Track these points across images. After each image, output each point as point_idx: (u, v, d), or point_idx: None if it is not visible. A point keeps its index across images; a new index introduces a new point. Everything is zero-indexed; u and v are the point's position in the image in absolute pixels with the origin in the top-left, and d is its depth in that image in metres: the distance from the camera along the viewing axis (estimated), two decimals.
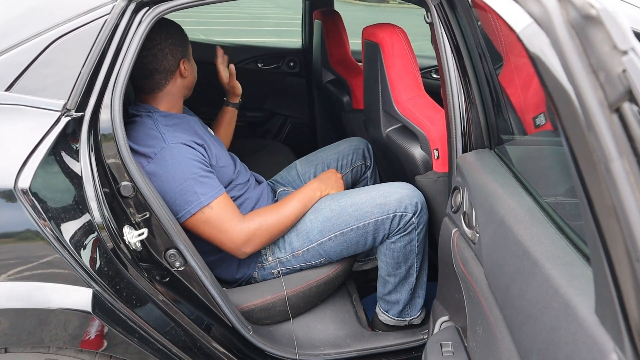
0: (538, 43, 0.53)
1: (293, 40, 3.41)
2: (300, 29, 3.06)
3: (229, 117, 1.94)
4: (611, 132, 0.45)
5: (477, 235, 1.09)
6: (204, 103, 2.01)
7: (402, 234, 1.49)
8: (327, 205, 1.54)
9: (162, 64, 1.43)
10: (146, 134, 1.39)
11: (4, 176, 0.99)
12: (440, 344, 1.23)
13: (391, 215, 1.47)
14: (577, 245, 0.79)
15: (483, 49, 1.24)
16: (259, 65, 3.03)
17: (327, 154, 1.93)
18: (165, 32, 1.43)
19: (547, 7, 0.50)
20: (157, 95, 1.48)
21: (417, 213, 1.48)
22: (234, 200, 1.54)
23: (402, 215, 1.47)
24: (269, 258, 1.56)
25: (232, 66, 1.80)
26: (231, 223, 1.40)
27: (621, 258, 0.48)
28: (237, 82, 1.85)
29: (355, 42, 2.43)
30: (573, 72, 0.47)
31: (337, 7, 2.78)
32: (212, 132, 1.69)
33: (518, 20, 0.58)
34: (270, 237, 1.48)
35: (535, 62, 0.54)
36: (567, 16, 0.48)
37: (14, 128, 1.07)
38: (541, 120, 1.20)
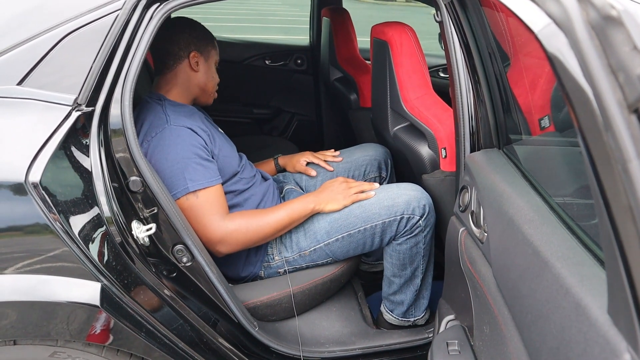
0: (557, 43, 0.53)
1: (301, 37, 3.41)
2: (308, 26, 3.06)
3: (270, 172, 1.91)
4: (629, 132, 0.45)
5: (485, 234, 1.09)
6: None
7: (409, 236, 1.49)
8: None
9: (171, 47, 1.49)
10: (153, 115, 1.43)
11: (15, 170, 1.00)
12: (447, 343, 1.23)
13: (398, 217, 1.46)
14: (587, 246, 0.79)
15: (493, 48, 1.23)
16: (267, 62, 3.03)
17: (336, 163, 1.85)
18: (188, 26, 1.52)
19: (566, 7, 0.49)
20: (167, 78, 1.51)
21: (425, 215, 1.47)
22: (239, 194, 1.54)
23: (409, 217, 1.46)
24: (276, 257, 1.56)
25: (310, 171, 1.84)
26: (211, 217, 1.37)
27: (637, 259, 0.48)
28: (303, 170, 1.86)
29: (363, 40, 2.43)
30: (592, 73, 0.47)
31: (345, 5, 2.78)
32: (220, 130, 1.69)
33: (535, 20, 0.58)
34: (247, 242, 1.43)
35: (553, 62, 0.54)
36: (587, 17, 0.48)
37: (25, 122, 1.08)
38: (546, 122, 1.20)
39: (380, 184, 1.83)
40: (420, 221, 1.47)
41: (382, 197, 1.50)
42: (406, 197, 1.47)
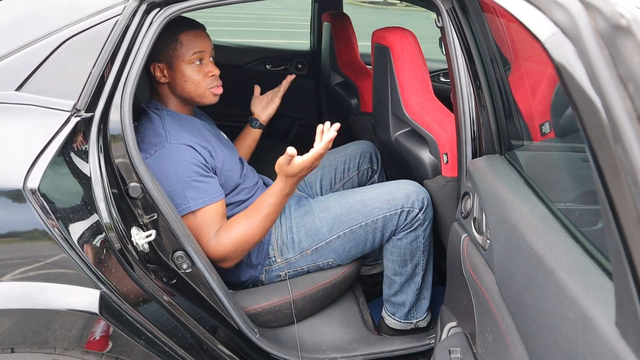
0: (564, 52, 0.52)
1: (301, 42, 3.41)
2: (309, 31, 3.06)
3: (252, 139, 1.88)
4: None
5: (488, 241, 1.08)
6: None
7: (409, 230, 1.50)
8: (336, 203, 1.54)
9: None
10: (152, 130, 1.39)
11: (13, 176, 0.99)
12: (449, 350, 1.21)
13: (399, 210, 1.48)
14: (592, 255, 0.78)
15: (494, 53, 1.23)
16: (267, 67, 3.03)
17: (333, 156, 1.92)
18: None
19: (574, 16, 0.48)
20: (159, 94, 1.48)
21: (424, 209, 1.49)
22: (241, 204, 1.54)
23: (409, 210, 1.48)
24: (278, 260, 1.55)
25: (288, 78, 1.84)
26: (207, 237, 1.36)
27: None
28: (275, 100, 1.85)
29: (363, 45, 2.42)
30: (601, 83, 0.46)
31: (346, 9, 2.78)
32: (225, 136, 1.68)
33: (542, 28, 0.57)
34: (245, 246, 1.40)
35: (560, 71, 0.53)
36: (596, 25, 0.47)
37: (23, 127, 1.07)
38: (547, 128, 1.19)
39: (372, 176, 1.93)
40: (420, 214, 1.49)
41: (382, 192, 1.52)
42: (405, 190, 1.50)
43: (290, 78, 1.87)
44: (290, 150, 1.29)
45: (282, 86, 1.87)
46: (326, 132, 1.34)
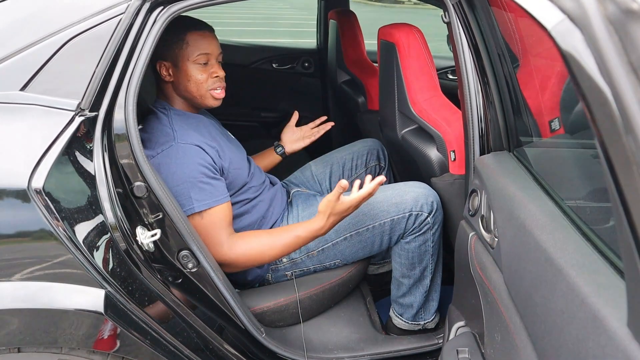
0: (572, 40, 0.50)
1: (308, 40, 3.40)
2: (316, 29, 3.05)
3: (272, 162, 1.89)
4: None
5: (496, 239, 1.07)
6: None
7: (417, 234, 1.47)
8: None
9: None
10: (160, 129, 1.39)
11: (18, 176, 0.99)
12: (457, 350, 1.20)
13: (407, 214, 1.45)
14: (603, 253, 0.76)
15: (502, 48, 1.21)
16: (274, 65, 3.03)
17: (341, 154, 1.92)
18: None
19: (582, 1, 0.47)
20: (165, 92, 1.48)
21: (433, 213, 1.47)
22: (248, 202, 1.53)
23: (417, 214, 1.45)
24: (284, 259, 1.54)
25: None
26: (216, 239, 1.35)
27: None
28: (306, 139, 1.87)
29: (370, 43, 2.41)
30: (610, 71, 0.44)
31: (352, 7, 2.77)
32: (231, 135, 1.68)
33: (548, 16, 0.55)
34: (252, 265, 1.44)
35: (568, 60, 0.52)
36: (605, 11, 0.45)
37: (28, 127, 1.07)
38: (556, 125, 1.17)
39: (379, 173, 1.92)
40: (429, 218, 1.46)
41: (390, 195, 1.49)
42: (414, 194, 1.47)
43: (328, 126, 1.90)
44: (343, 182, 1.30)
45: (318, 132, 1.89)
46: (369, 182, 1.36)
